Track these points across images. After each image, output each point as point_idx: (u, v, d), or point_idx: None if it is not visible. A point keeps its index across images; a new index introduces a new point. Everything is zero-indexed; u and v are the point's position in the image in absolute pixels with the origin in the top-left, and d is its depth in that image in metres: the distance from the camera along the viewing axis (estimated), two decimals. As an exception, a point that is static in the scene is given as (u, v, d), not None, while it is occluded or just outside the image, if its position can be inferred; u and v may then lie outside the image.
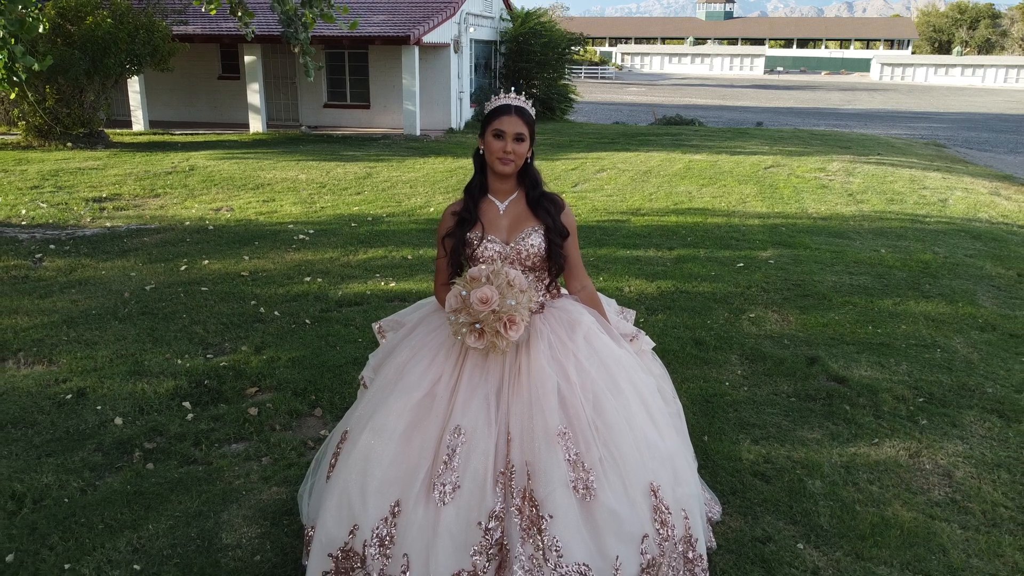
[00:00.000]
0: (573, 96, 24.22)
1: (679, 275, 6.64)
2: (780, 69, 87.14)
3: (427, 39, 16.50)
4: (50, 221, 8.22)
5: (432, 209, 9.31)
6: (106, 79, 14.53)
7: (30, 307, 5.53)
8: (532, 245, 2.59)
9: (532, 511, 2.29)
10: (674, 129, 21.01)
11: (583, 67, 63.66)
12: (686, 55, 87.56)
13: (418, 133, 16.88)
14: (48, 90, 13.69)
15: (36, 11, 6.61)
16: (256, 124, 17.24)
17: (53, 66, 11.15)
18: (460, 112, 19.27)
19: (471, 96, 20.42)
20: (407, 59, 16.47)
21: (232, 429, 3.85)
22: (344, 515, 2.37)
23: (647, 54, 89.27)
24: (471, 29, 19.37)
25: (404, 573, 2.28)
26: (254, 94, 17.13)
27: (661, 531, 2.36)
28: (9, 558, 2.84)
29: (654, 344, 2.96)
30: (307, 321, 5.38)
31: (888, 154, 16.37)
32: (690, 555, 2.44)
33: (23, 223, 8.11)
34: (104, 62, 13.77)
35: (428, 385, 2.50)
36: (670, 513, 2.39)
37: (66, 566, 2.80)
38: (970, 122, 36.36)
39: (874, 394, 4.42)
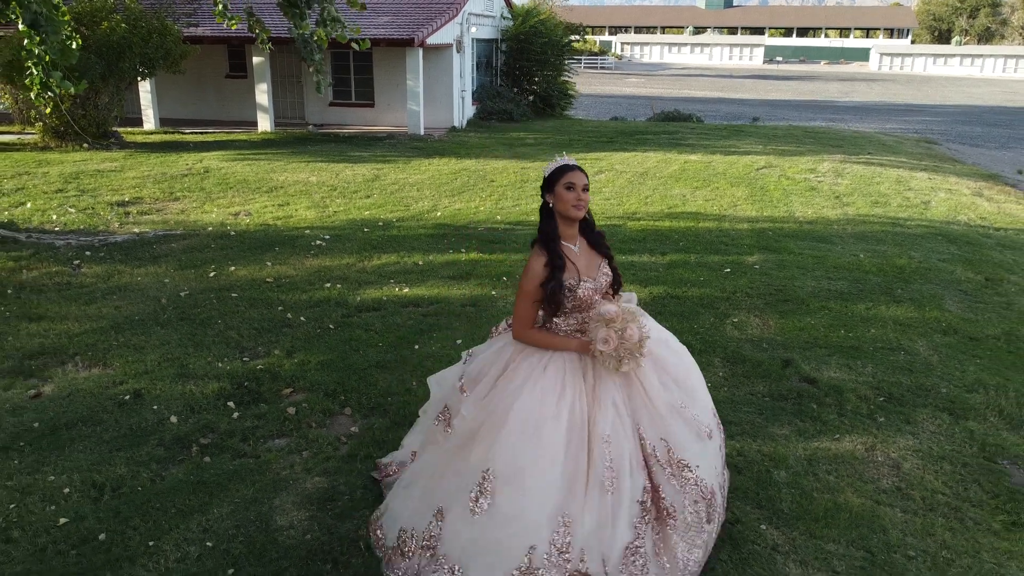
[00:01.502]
0: (572, 93, 24.66)
1: (671, 280, 7.19)
2: (779, 59, 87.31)
3: (431, 41, 16.96)
4: (81, 227, 8.75)
5: (439, 213, 9.84)
6: (120, 82, 15.02)
7: (78, 313, 6.07)
8: (606, 275, 3.16)
9: (677, 463, 3.05)
10: (672, 126, 21.48)
11: (583, 57, 63.87)
12: (686, 44, 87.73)
13: (422, 132, 17.37)
14: (64, 93, 14.17)
15: (76, 35, 7.10)
16: (264, 123, 17.72)
17: (70, 69, 11.65)
18: (462, 110, 19.75)
19: (473, 94, 20.89)
20: (411, 60, 16.94)
21: (274, 426, 4.41)
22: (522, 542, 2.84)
23: (647, 44, 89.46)
24: (473, 29, 19.81)
25: (582, 561, 2.85)
26: (262, 94, 17.61)
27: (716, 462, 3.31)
28: (101, 537, 3.39)
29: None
30: (331, 326, 5.92)
31: (878, 153, 16.88)
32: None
33: (56, 229, 8.64)
34: (119, 66, 14.27)
35: (568, 406, 2.97)
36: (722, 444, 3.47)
37: (150, 543, 3.36)
38: (965, 115, 36.74)
39: (840, 394, 4.98)
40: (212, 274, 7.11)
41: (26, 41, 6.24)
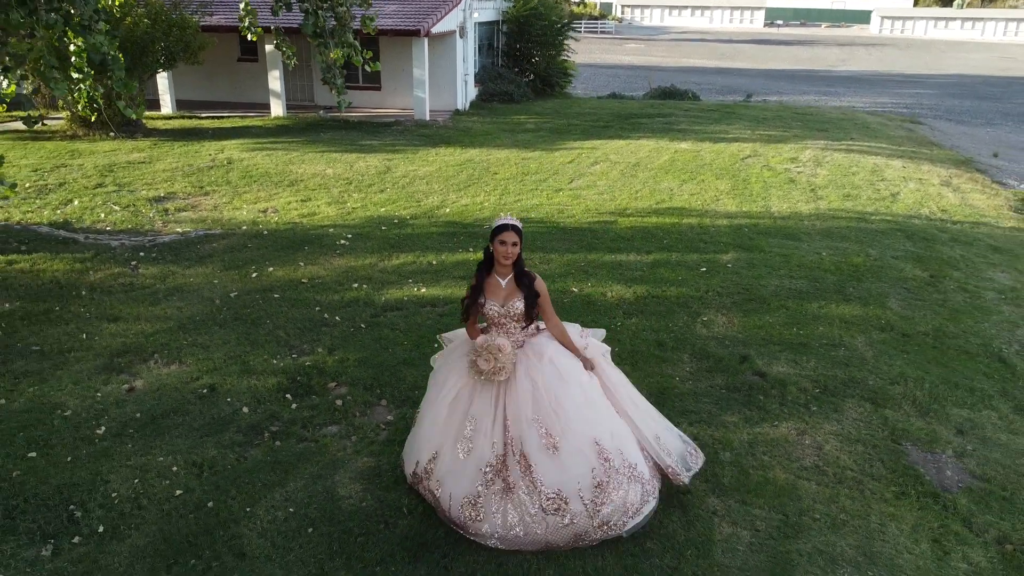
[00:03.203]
0: (571, 73, 25.42)
1: (653, 280, 8.25)
2: (779, 22, 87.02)
3: (435, 30, 17.76)
4: (129, 226, 9.78)
5: (447, 210, 10.86)
6: (143, 74, 15.89)
7: (147, 314, 7.15)
8: (517, 308, 4.23)
9: (524, 462, 4.11)
10: (667, 107, 22.32)
11: (583, 21, 63.95)
12: (686, 7, 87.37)
13: (427, 118, 18.26)
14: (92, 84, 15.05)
15: (120, 55, 8.01)
16: (277, 108, 18.60)
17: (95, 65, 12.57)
18: (465, 94, 20.59)
19: (475, 76, 21.69)
20: (417, 50, 17.76)
21: (326, 416, 5.52)
22: (411, 456, 4.40)
23: (647, 6, 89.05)
24: (475, 14, 20.55)
25: (437, 490, 4.23)
26: (275, 80, 18.45)
27: (604, 464, 4.15)
28: (209, 504, 4.52)
29: (606, 348, 4.64)
30: (362, 325, 7.01)
31: (860, 138, 17.79)
32: (634, 473, 4.24)
33: (108, 228, 9.67)
34: (143, 60, 15.13)
35: (455, 391, 4.29)
36: (610, 452, 4.18)
37: (247, 509, 4.49)
38: (958, 87, 37.33)
39: (783, 386, 6.08)
40: (254, 275, 8.17)
41: (74, 60, 7.14)
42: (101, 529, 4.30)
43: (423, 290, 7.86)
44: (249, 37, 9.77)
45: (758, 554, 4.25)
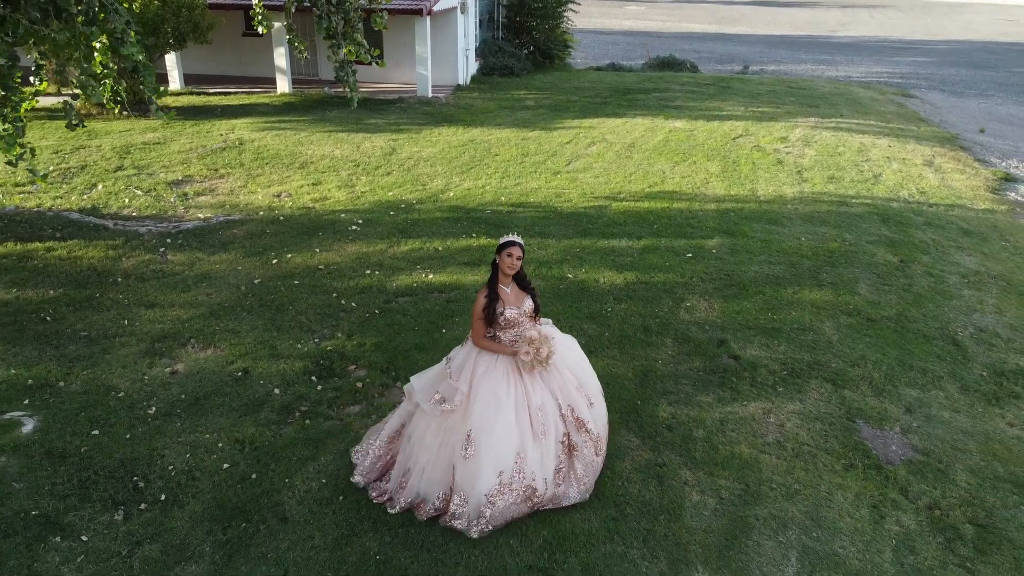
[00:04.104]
0: (571, 45, 25.75)
1: (642, 266, 8.94)
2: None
3: (437, 7, 18.15)
4: (153, 212, 10.42)
5: (451, 193, 11.49)
6: (152, 54, 16.35)
7: (180, 300, 7.85)
8: (529, 306, 4.93)
9: (579, 423, 4.99)
10: (664, 80, 22.74)
11: (583, -17, 63.32)
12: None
13: (430, 95, 18.75)
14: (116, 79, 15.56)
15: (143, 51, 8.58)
16: (283, 84, 19.07)
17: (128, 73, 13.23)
18: (466, 68, 21.01)
19: (476, 50, 22.08)
20: (419, 28, 18.17)
21: (348, 397, 6.25)
22: (488, 474, 4.75)
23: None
24: (476, -11, 20.89)
25: (534, 482, 4.81)
26: (280, 57, 18.89)
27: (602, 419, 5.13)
28: (253, 476, 5.28)
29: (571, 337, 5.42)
30: (376, 311, 7.71)
31: (851, 114, 18.31)
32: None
33: (133, 214, 10.32)
34: (154, 42, 15.59)
35: (512, 395, 4.84)
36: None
37: (286, 480, 5.24)
38: (956, 54, 37.52)
39: (755, 369, 6.81)
40: (274, 261, 8.85)
41: (99, 56, 7.72)
42: (163, 497, 5.06)
43: (431, 276, 8.54)
44: (260, 30, 10.30)
45: (721, 518, 5.02)
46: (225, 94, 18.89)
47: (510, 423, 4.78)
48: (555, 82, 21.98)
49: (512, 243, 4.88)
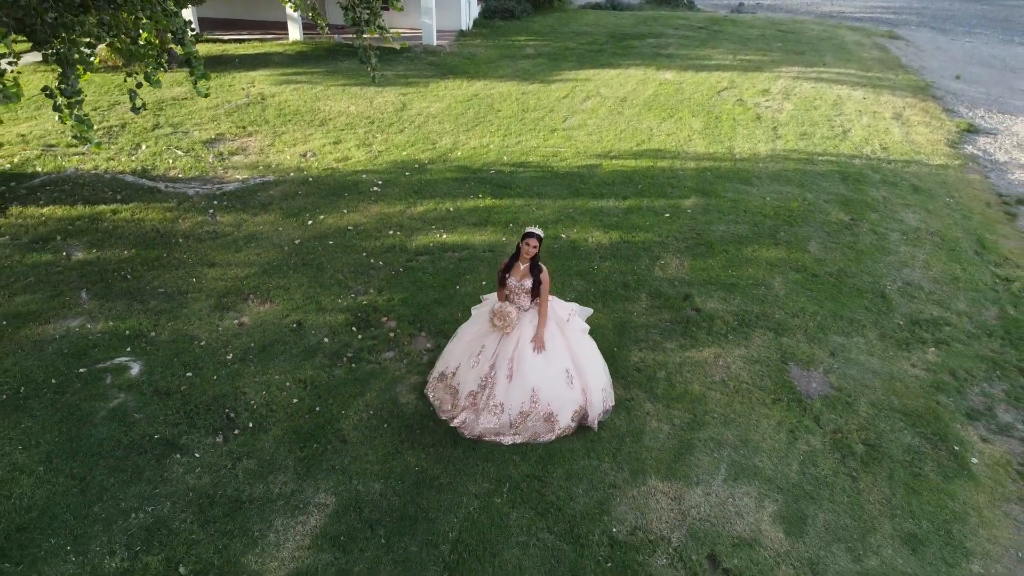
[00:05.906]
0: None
1: (626, 226, 10.38)
2: None
3: (441, -43, 18.93)
4: (196, 173, 11.77)
5: (459, 153, 12.81)
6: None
7: (234, 260, 9.33)
8: (526, 285, 6.45)
9: (492, 382, 6.51)
10: (658, 24, 23.52)
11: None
12: None
13: (435, 43, 19.71)
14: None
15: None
16: (295, 32, 20.01)
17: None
18: (469, 13, 21.83)
19: (478, -6, 22.82)
20: (424, -22, 19.00)
21: (383, 344, 7.82)
22: (442, 364, 6.64)
23: None
24: (477, -67, 21.49)
25: (457, 385, 6.55)
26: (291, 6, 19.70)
27: (532, 404, 6.52)
28: (317, 409, 6.89)
29: (586, 326, 6.86)
30: (400, 269, 9.20)
31: (834, 63, 19.33)
32: (549, 418, 6.64)
33: (180, 176, 11.67)
34: (175, -3, 16.51)
35: (478, 331, 6.55)
36: (538, 397, 6.52)
37: (342, 412, 6.86)
38: (952, -15, 37.55)
39: (712, 320, 8.36)
40: (309, 222, 10.29)
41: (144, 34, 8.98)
42: (251, 425, 6.69)
43: (444, 236, 10.00)
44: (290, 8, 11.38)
45: (672, 440, 6.66)
46: (239, 41, 19.85)
47: (462, 342, 6.74)
48: (554, 25, 22.82)
49: (532, 235, 6.32)
